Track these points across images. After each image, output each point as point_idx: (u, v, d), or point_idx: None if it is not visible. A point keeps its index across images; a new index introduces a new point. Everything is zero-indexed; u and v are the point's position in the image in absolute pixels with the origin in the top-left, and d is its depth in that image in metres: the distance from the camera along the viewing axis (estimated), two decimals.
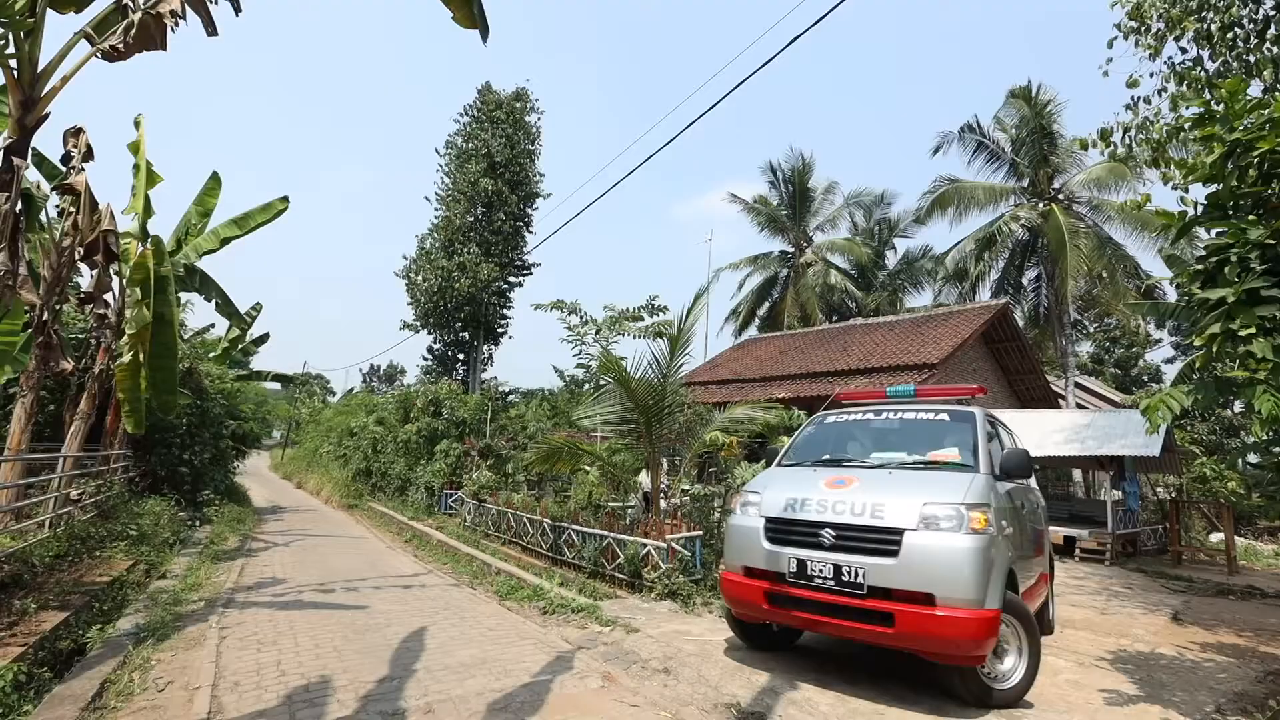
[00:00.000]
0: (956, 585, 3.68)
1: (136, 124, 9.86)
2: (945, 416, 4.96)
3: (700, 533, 7.45)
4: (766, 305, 28.01)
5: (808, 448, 5.33)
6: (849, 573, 3.94)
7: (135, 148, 9.77)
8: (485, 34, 6.00)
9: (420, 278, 23.42)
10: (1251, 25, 7.40)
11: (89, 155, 7.10)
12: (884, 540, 3.90)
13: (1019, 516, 4.61)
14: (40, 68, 5.53)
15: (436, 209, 24.73)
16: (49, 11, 5.60)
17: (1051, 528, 11.75)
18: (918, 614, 3.70)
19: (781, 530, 4.36)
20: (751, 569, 4.45)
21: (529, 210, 25.30)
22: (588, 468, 10.23)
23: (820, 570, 4.06)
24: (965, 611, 3.64)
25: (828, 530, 4.12)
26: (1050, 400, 17.11)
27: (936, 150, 21.27)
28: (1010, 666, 4.07)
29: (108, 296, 8.61)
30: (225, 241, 11.59)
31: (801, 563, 4.15)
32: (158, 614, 5.30)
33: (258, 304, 16.05)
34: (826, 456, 5.10)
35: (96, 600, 5.44)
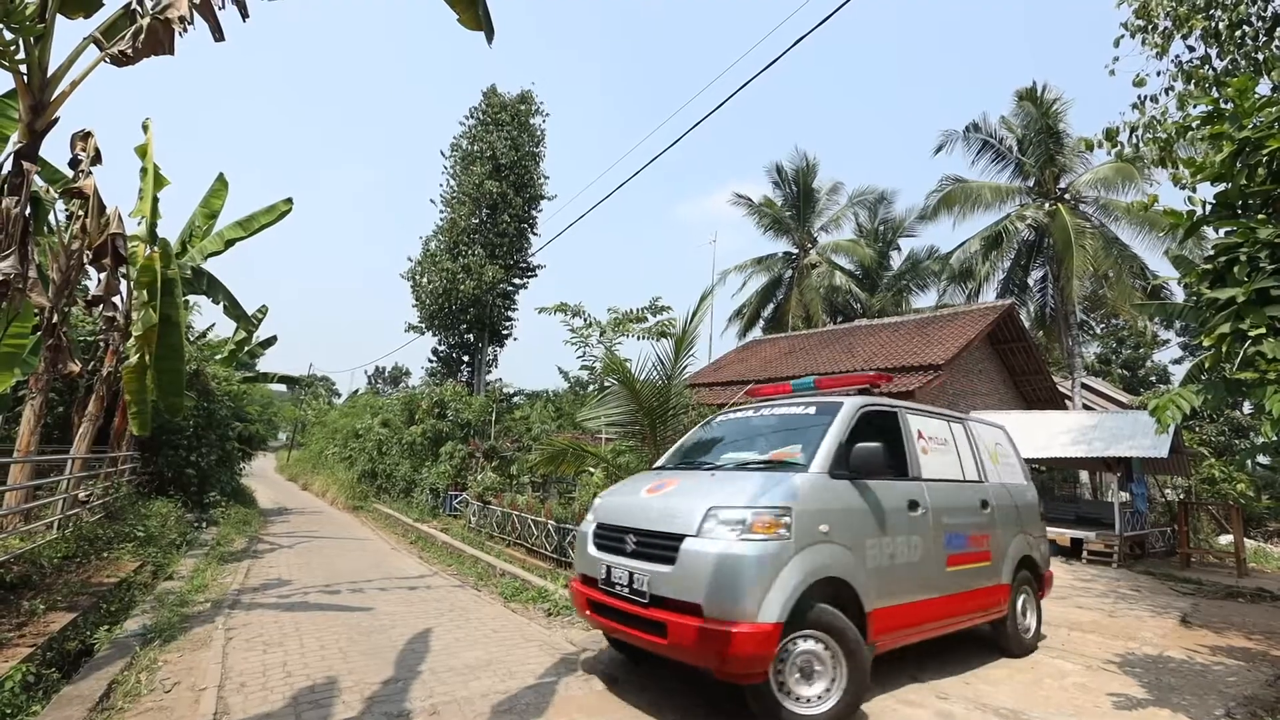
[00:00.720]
0: (722, 595, 3.34)
1: (145, 128, 9.92)
2: (812, 410, 4.56)
3: None
4: (771, 306, 27.97)
5: (685, 449, 5.11)
6: (638, 580, 3.74)
7: (143, 151, 9.84)
8: (490, 36, 6.02)
9: (425, 279, 23.50)
10: (1260, 23, 7.34)
11: (97, 159, 7.16)
12: (666, 546, 3.66)
13: (878, 519, 4.04)
14: (50, 73, 5.58)
15: (442, 211, 24.83)
16: (58, 17, 5.64)
17: (1058, 529, 11.79)
18: (685, 625, 3.40)
19: (602, 536, 4.21)
20: (583, 575, 4.32)
21: (533, 212, 25.35)
22: (592, 469, 10.22)
23: (620, 577, 3.88)
24: (732, 624, 3.27)
25: (630, 536, 3.94)
26: (1057, 401, 17.02)
27: (939, 149, 21.21)
28: (820, 691, 3.52)
29: (115, 299, 8.67)
30: (230, 243, 11.65)
31: (609, 569, 3.97)
32: (165, 615, 5.32)
33: (263, 306, 16.16)
34: (688, 459, 4.88)
35: (104, 601, 5.47)
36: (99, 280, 8.19)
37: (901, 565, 4.17)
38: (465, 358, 25.69)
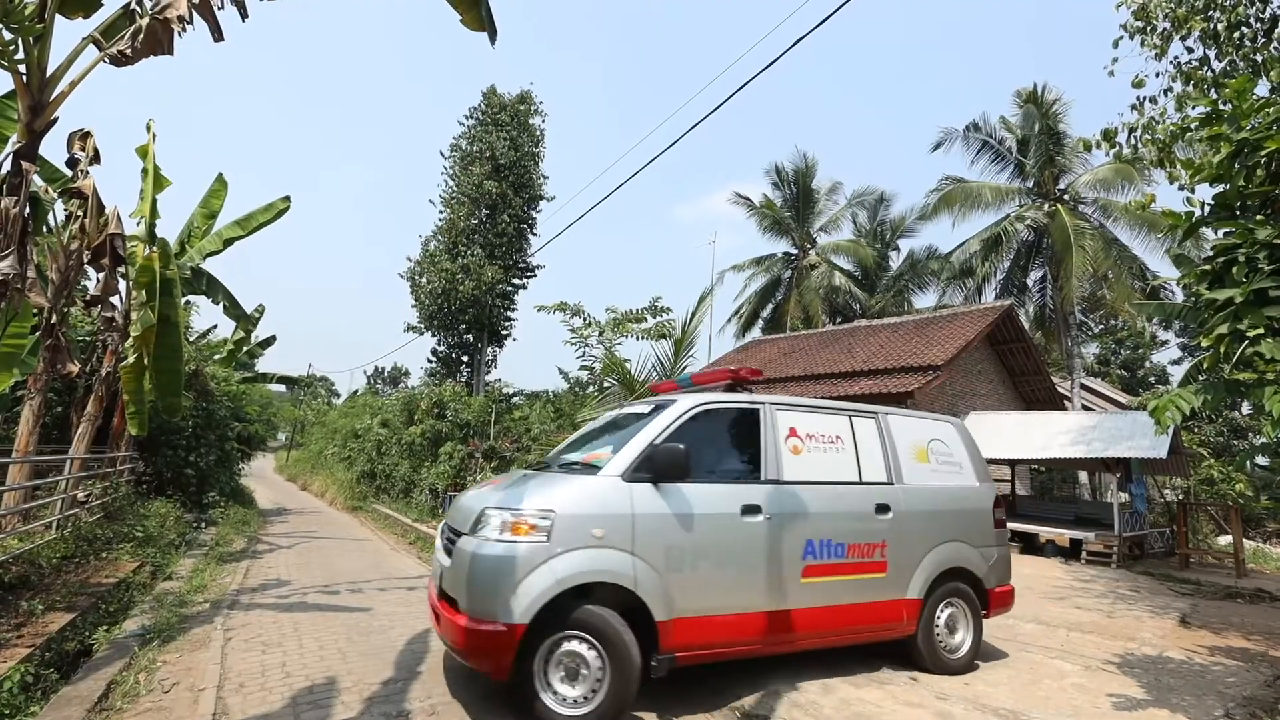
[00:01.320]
0: (474, 592, 3.45)
1: (148, 129, 9.93)
2: (647, 410, 4.39)
3: None
4: (770, 307, 27.98)
5: (559, 447, 5.14)
6: (438, 575, 4.03)
7: (144, 152, 9.84)
8: (493, 36, 6.01)
9: (424, 280, 23.51)
10: (1259, 24, 7.35)
11: (96, 159, 7.15)
12: (453, 543, 3.84)
13: (683, 525, 3.82)
14: (49, 73, 5.58)
15: (441, 211, 24.83)
16: (58, 17, 5.64)
17: (1057, 530, 11.81)
18: (450, 620, 3.56)
19: (443, 534, 4.29)
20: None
21: (533, 213, 25.36)
22: None
23: (436, 573, 4.14)
24: (480, 622, 3.36)
25: (448, 533, 4.10)
26: (1056, 402, 17.04)
27: (938, 146, 21.24)
28: (583, 693, 3.48)
29: (114, 299, 8.66)
30: (228, 242, 11.63)
31: (439, 565, 4.12)
32: (163, 615, 5.31)
33: (260, 306, 16.12)
34: (555, 457, 4.82)
35: (103, 601, 5.46)
36: (98, 280, 8.18)
37: (719, 575, 3.91)
38: (464, 358, 25.69)
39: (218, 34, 6.04)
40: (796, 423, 4.53)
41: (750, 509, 4.07)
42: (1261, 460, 15.95)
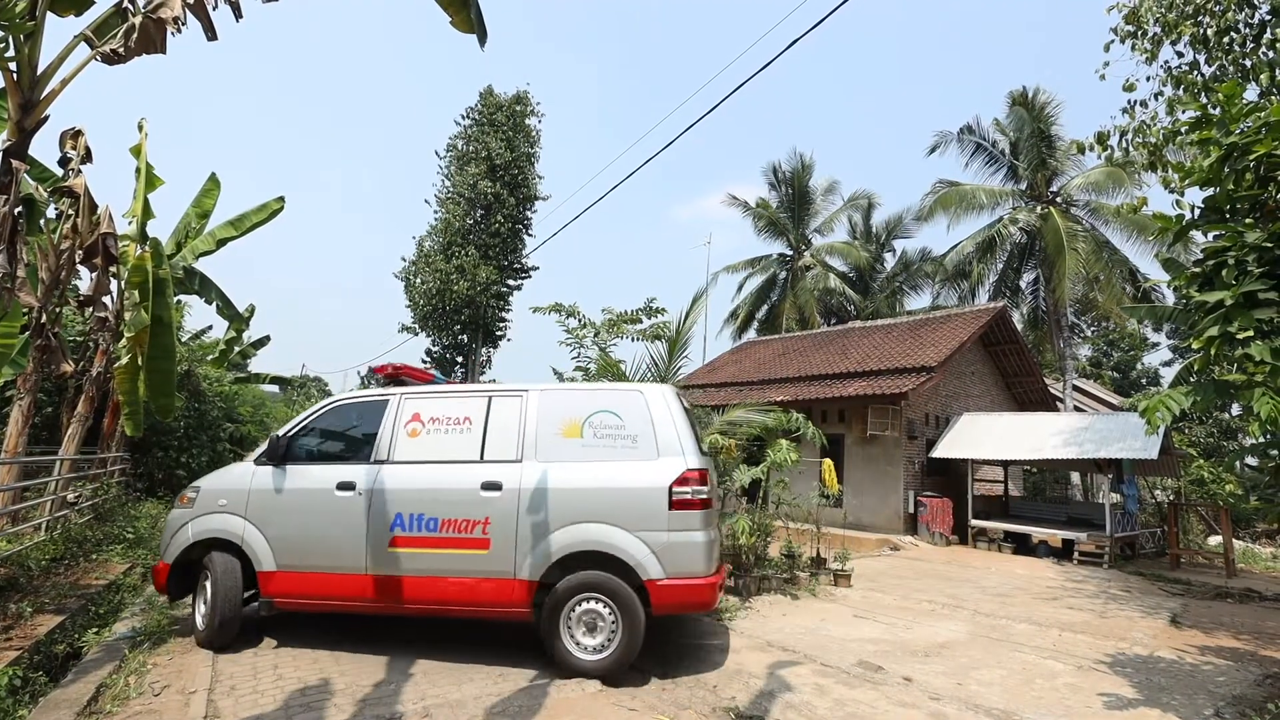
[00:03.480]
0: (161, 542, 5.18)
1: (140, 127, 9.86)
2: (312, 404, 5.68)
3: None
4: (765, 308, 28.03)
5: None
6: None
7: (137, 151, 9.78)
8: (483, 39, 6.00)
9: (419, 280, 23.45)
10: (1248, 29, 7.43)
11: (87, 158, 7.09)
12: None
13: (284, 497, 4.82)
14: (40, 70, 5.53)
15: (436, 211, 24.79)
16: (49, 15, 5.60)
17: (1050, 530, 11.88)
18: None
19: None
20: None
21: (527, 213, 25.35)
22: None
23: None
24: (159, 561, 5.02)
25: None
26: (1049, 403, 17.14)
27: (933, 150, 21.37)
28: (202, 609, 4.85)
29: (106, 299, 8.60)
30: (222, 243, 11.57)
31: None
32: (154, 618, 5.27)
33: (251, 306, 15.96)
34: None
35: (93, 604, 5.41)
36: (92, 280, 8.12)
37: (314, 539, 4.70)
38: (459, 359, 25.64)
39: (211, 33, 6.01)
40: (423, 409, 4.96)
41: (345, 485, 4.73)
42: (1251, 461, 16.09)
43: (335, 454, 5.12)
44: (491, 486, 4.53)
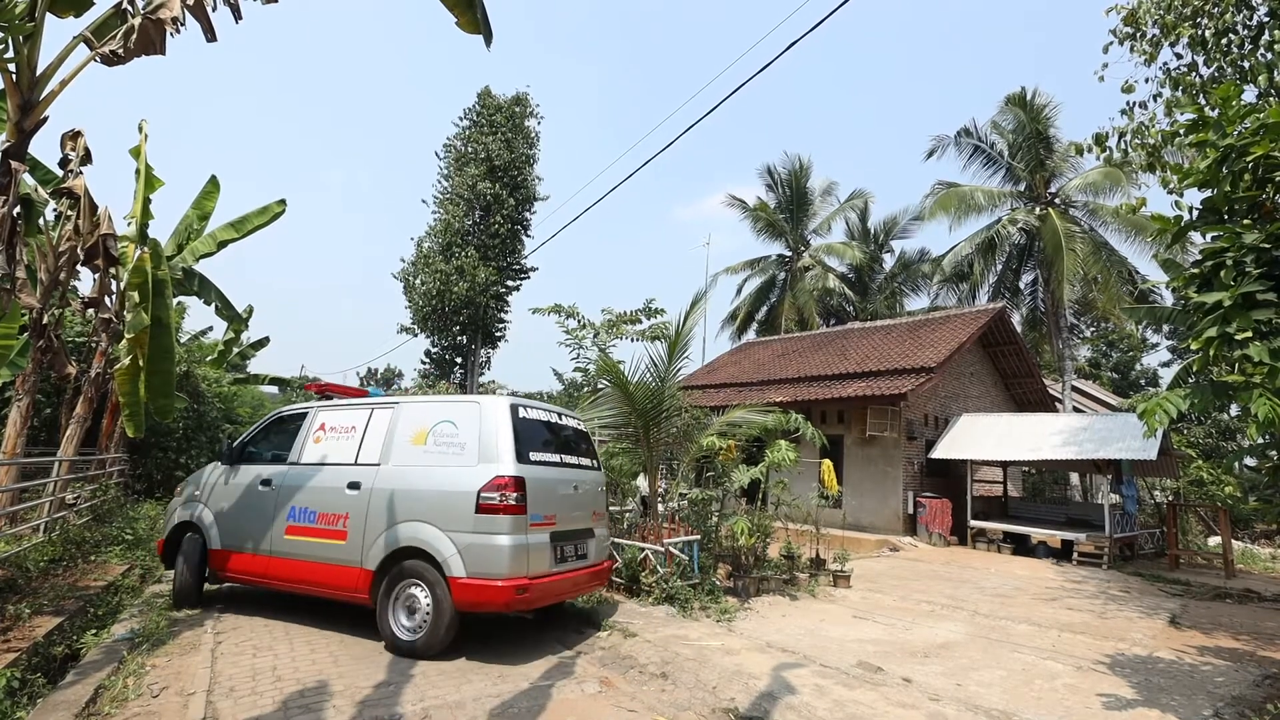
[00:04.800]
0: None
1: (140, 129, 9.87)
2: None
3: (698, 537, 7.43)
4: (764, 309, 28.05)
5: None
6: None
7: (137, 152, 9.78)
8: (489, 39, 6.01)
9: (418, 281, 23.45)
10: (1245, 31, 7.45)
11: (87, 159, 7.08)
12: None
13: (226, 489, 5.86)
14: (39, 71, 5.53)
15: (435, 212, 24.79)
16: (48, 15, 5.60)
17: (1049, 531, 11.89)
18: None
19: None
20: None
21: (526, 214, 25.35)
22: None
23: None
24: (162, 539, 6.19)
25: None
26: (1048, 404, 17.15)
27: (930, 154, 21.37)
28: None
29: (107, 300, 8.60)
30: (222, 245, 11.58)
31: None
32: (153, 619, 5.26)
33: (249, 306, 15.95)
34: None
35: (91, 605, 5.40)
36: (94, 281, 8.12)
37: (241, 524, 5.61)
38: (458, 359, 25.63)
39: (210, 34, 6.01)
40: (328, 419, 5.72)
41: (265, 482, 5.63)
42: (1249, 462, 16.10)
43: (268, 457, 5.92)
44: (354, 486, 5.15)
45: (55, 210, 7.72)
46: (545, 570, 4.81)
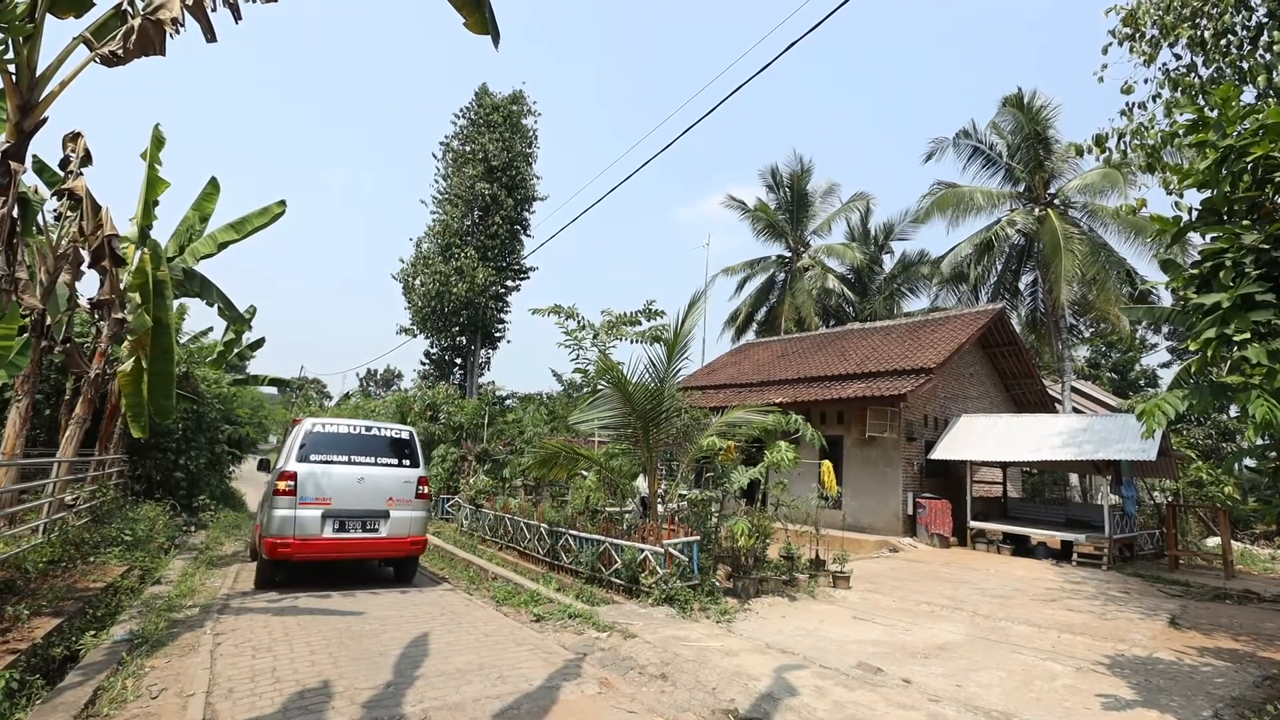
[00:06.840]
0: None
1: (154, 133, 9.91)
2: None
3: (698, 538, 7.43)
4: (764, 310, 28.04)
5: None
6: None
7: (150, 154, 9.82)
8: (496, 39, 6.00)
9: (417, 282, 23.44)
10: (1245, 32, 7.46)
11: (87, 159, 7.08)
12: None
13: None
14: (39, 72, 5.53)
15: (433, 212, 24.79)
16: (48, 16, 5.60)
17: (1049, 532, 11.89)
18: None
19: None
20: None
21: (525, 214, 25.34)
22: (585, 472, 10.21)
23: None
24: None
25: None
26: (1047, 405, 17.15)
27: (929, 157, 21.36)
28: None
29: (117, 301, 8.58)
30: (222, 246, 11.57)
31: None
32: (152, 620, 5.26)
33: (251, 307, 15.95)
34: None
35: (90, 606, 5.40)
36: (102, 283, 8.11)
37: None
38: (458, 360, 25.62)
39: (210, 35, 6.01)
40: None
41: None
42: (1249, 462, 16.12)
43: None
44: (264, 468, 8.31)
45: (55, 211, 7.71)
46: (313, 535, 6.85)
